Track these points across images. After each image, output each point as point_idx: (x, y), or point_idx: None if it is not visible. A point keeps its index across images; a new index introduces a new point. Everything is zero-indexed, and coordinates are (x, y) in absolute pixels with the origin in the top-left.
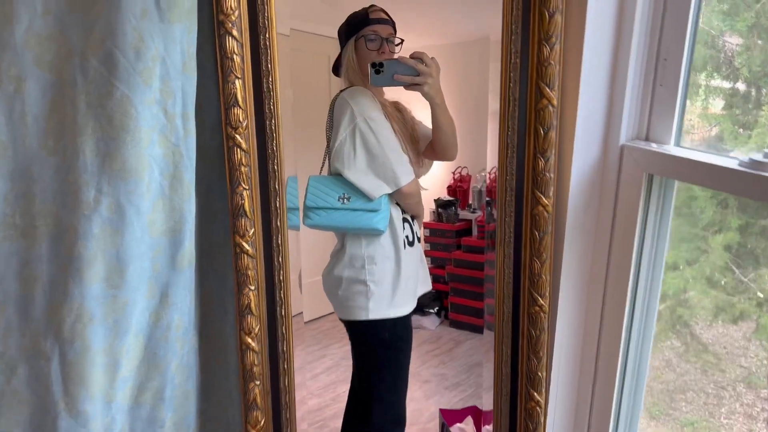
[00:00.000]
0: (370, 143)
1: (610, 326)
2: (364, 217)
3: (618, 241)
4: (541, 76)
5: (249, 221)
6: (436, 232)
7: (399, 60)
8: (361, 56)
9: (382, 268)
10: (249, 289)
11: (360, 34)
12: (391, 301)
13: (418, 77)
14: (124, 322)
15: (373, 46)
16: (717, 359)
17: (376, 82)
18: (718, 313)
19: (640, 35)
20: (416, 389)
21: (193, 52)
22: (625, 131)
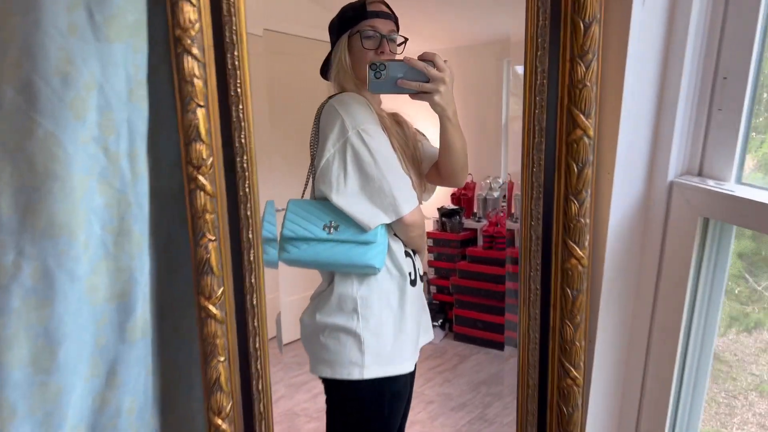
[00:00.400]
0: (365, 162)
1: (653, 403)
2: (356, 251)
3: (664, 298)
4: (575, 100)
5: (216, 279)
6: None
7: (405, 62)
8: (355, 56)
9: (380, 313)
10: (218, 360)
11: (355, 29)
12: (391, 355)
13: (428, 84)
14: (57, 413)
15: (371, 45)
16: (728, 367)
17: (375, 88)
18: (732, 324)
19: (695, 48)
20: (420, 410)
21: (142, 78)
22: (674, 165)
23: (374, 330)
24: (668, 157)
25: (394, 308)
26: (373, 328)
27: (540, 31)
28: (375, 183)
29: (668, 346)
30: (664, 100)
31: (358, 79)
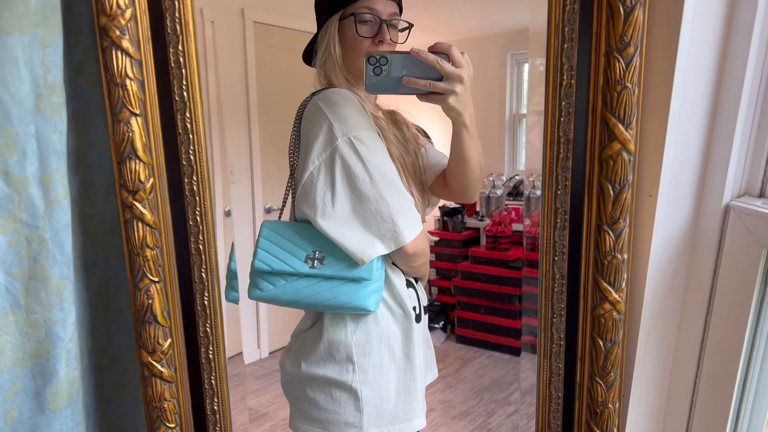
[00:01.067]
0: (358, 178)
1: None
2: (345, 289)
3: (715, 350)
4: (610, 105)
5: (162, 330)
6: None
7: (412, 54)
8: (347, 45)
9: (381, 361)
10: (167, 426)
11: (349, 10)
12: (395, 412)
13: (441, 83)
14: None
15: (367, 31)
16: None
17: (374, 87)
18: None
19: (761, 43)
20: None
21: (56, 80)
22: (731, 185)
23: (374, 383)
24: (724, 176)
25: (398, 354)
26: (373, 381)
27: (568, 18)
28: (370, 204)
29: (718, 410)
30: (720, 106)
31: (349, 73)
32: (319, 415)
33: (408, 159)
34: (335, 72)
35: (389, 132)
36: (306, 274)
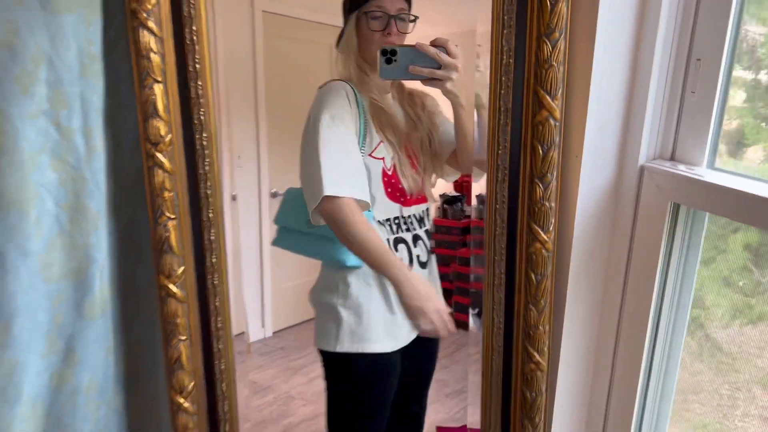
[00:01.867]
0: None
1: (623, 390)
2: (331, 246)
3: (634, 285)
4: (540, 80)
5: (176, 258)
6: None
7: (416, 47)
8: (362, 37)
9: (359, 293)
10: (179, 339)
11: (363, 9)
12: (366, 333)
13: (440, 71)
14: (12, 389)
15: (377, 25)
16: (732, 359)
17: (386, 74)
18: (736, 315)
19: (668, 28)
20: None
21: (96, 51)
22: (645, 149)
23: (351, 308)
24: (639, 141)
25: (373, 291)
26: (350, 307)
27: (507, 9)
28: (313, 161)
29: (637, 333)
30: (635, 82)
31: (365, 62)
32: (317, 329)
33: (416, 135)
34: (349, 60)
35: (386, 114)
36: (305, 232)
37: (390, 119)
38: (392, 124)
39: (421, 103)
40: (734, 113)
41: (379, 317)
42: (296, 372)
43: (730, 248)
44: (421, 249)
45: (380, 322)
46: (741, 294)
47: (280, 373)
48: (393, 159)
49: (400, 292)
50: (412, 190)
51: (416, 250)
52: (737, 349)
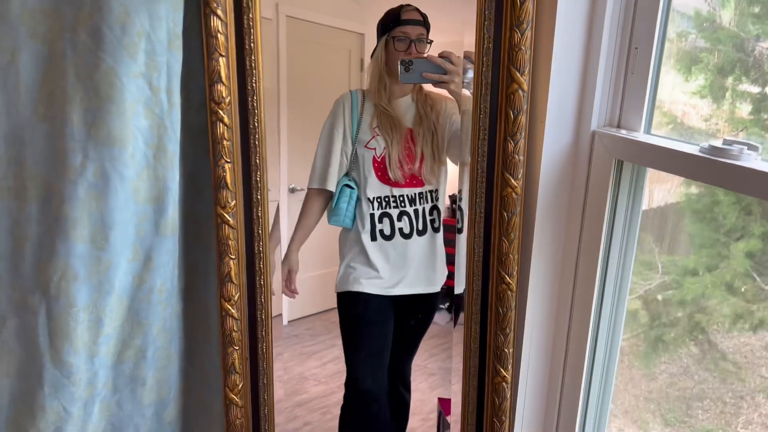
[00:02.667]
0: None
1: (581, 308)
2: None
3: (589, 223)
4: (512, 60)
5: (230, 193)
6: (449, 228)
7: (428, 58)
8: (389, 55)
9: (348, 251)
10: (229, 257)
11: (391, 34)
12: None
13: (446, 75)
14: (107, 283)
15: (401, 47)
16: (737, 368)
17: (405, 79)
18: (737, 321)
19: (612, 24)
20: (422, 381)
21: (179, 31)
22: (596, 118)
23: (344, 262)
24: (591, 111)
25: (354, 249)
26: (343, 261)
27: (487, 5)
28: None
29: (591, 262)
30: (588, 65)
31: (388, 74)
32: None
33: (420, 129)
34: (375, 70)
35: (395, 113)
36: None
37: (391, 120)
38: (392, 123)
39: (432, 103)
40: (740, 124)
41: (361, 269)
42: (310, 356)
43: (733, 255)
44: (405, 223)
45: (362, 272)
46: (743, 299)
47: (293, 357)
48: (384, 150)
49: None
50: (398, 177)
51: (399, 223)
52: (742, 358)
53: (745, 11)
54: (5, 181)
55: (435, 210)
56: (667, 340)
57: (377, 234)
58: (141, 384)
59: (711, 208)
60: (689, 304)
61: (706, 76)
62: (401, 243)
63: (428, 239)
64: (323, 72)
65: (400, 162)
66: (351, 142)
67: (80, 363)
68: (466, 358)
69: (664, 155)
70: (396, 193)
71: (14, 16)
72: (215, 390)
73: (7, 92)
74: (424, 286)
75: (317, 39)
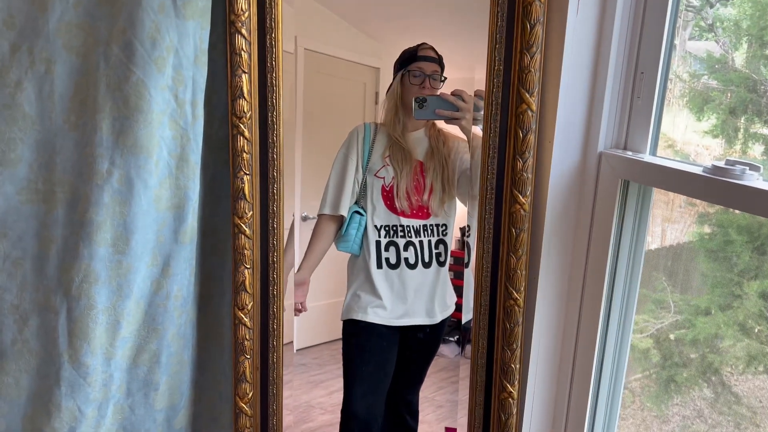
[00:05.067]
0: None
1: (588, 322)
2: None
3: (596, 240)
4: (522, 82)
5: (248, 204)
6: (459, 261)
7: (441, 96)
8: (405, 89)
9: (353, 279)
10: (245, 267)
11: (407, 69)
12: (354, 308)
13: (458, 113)
14: (126, 287)
15: (416, 82)
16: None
17: (419, 115)
18: (751, 362)
19: (619, 49)
20: (429, 413)
21: (205, 48)
22: (603, 139)
23: (350, 290)
24: (599, 133)
25: (360, 277)
26: (350, 288)
27: (498, 30)
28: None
29: (598, 280)
30: (595, 88)
31: (403, 108)
32: None
33: (431, 163)
34: (390, 104)
35: (407, 146)
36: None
37: (403, 152)
38: (404, 155)
39: (444, 139)
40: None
41: (366, 298)
42: (317, 385)
43: (747, 295)
44: (411, 253)
45: (368, 301)
46: (757, 341)
47: (301, 386)
48: (393, 180)
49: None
50: (404, 208)
51: (405, 253)
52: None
53: (758, 53)
54: (36, 186)
55: (441, 244)
56: (679, 381)
57: (383, 262)
58: (154, 389)
59: (724, 247)
60: (702, 344)
61: (718, 116)
62: (406, 273)
63: (433, 272)
64: (338, 104)
65: (408, 193)
66: (362, 170)
67: (97, 364)
68: (473, 372)
69: (669, 175)
70: (404, 222)
71: (51, 30)
72: (225, 400)
73: (42, 101)
74: (423, 318)
75: (334, 72)
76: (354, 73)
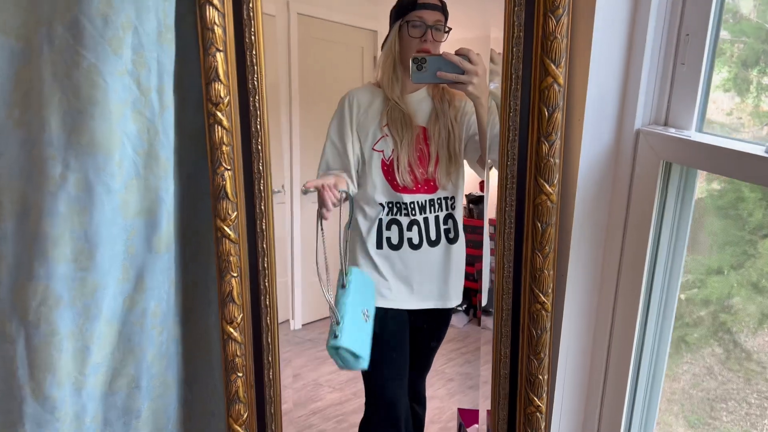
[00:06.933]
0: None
1: (623, 328)
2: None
3: (632, 234)
4: (546, 51)
5: (231, 204)
6: (467, 229)
7: (443, 56)
8: (403, 42)
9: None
10: (231, 275)
11: (405, 18)
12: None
13: (463, 76)
14: (94, 307)
15: (416, 33)
16: (762, 368)
17: (417, 78)
18: (764, 321)
19: (660, 7)
20: (440, 387)
21: (170, 23)
22: (641, 115)
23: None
24: (635, 107)
25: (358, 259)
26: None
27: None
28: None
29: (635, 278)
30: (631, 55)
31: (401, 65)
32: None
33: (436, 127)
34: (387, 61)
35: (408, 109)
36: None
37: (403, 116)
38: (404, 120)
39: (450, 98)
40: (766, 118)
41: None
42: (324, 362)
43: (760, 253)
44: (415, 233)
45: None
46: None
47: (308, 362)
48: (392, 153)
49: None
50: (407, 183)
51: (409, 233)
52: (767, 357)
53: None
54: None
55: (450, 219)
56: (689, 341)
57: (383, 242)
58: (135, 416)
59: (735, 204)
60: (713, 304)
61: (729, 69)
62: (409, 254)
63: (442, 251)
64: (336, 70)
65: (410, 166)
66: (359, 143)
67: (65, 396)
68: (495, 384)
69: (723, 156)
70: (407, 199)
71: None
72: (219, 417)
73: None
74: (435, 301)
75: (329, 36)
76: (350, 37)
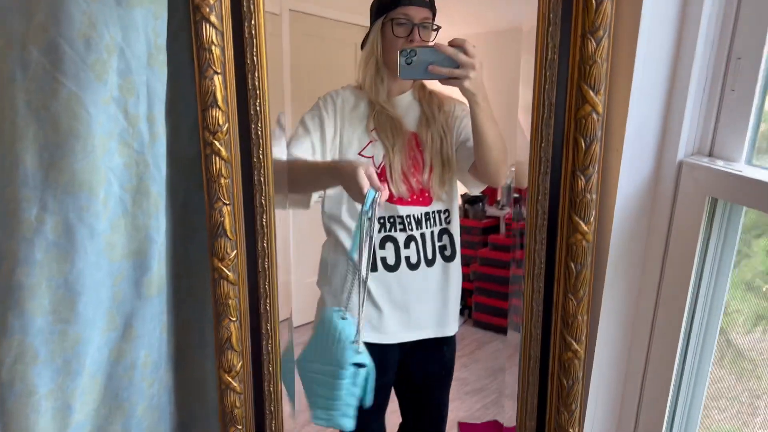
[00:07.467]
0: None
1: (656, 381)
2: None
3: (671, 277)
4: (584, 76)
5: (230, 242)
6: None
7: (435, 48)
8: (387, 42)
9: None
10: (230, 320)
11: (389, 16)
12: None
13: (458, 70)
14: (75, 362)
15: (402, 32)
16: (753, 365)
17: (406, 74)
18: (758, 321)
19: (709, 27)
20: None
21: (162, 43)
22: (684, 145)
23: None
24: (679, 136)
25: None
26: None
27: (552, 7)
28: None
29: (672, 325)
30: (676, 79)
31: (385, 65)
32: None
33: (427, 133)
34: (369, 62)
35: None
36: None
37: (392, 122)
38: (393, 125)
39: (439, 102)
40: None
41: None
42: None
43: (754, 253)
44: (413, 251)
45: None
46: (765, 300)
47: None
48: (384, 159)
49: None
50: (402, 193)
51: (406, 251)
52: (759, 357)
53: None
54: None
55: (445, 235)
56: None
57: (378, 263)
58: None
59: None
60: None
61: None
62: (407, 275)
63: (439, 271)
64: (328, 66)
65: (404, 173)
66: (338, 148)
67: None
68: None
69: None
70: (402, 212)
71: None
72: None
73: None
74: (434, 329)
75: (322, 33)
76: (343, 33)
